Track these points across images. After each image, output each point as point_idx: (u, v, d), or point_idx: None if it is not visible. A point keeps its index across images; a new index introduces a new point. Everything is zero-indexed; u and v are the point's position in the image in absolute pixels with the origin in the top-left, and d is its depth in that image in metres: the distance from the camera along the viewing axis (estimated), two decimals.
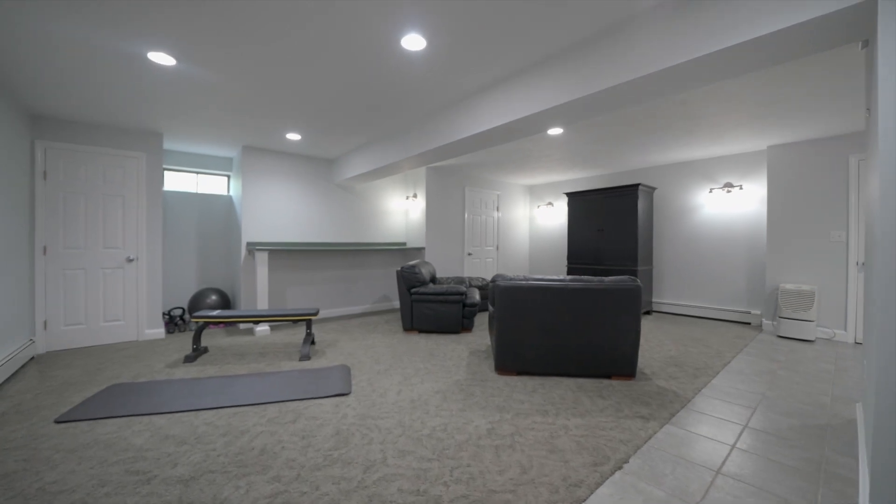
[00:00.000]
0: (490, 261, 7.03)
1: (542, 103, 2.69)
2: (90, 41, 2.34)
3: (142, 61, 2.60)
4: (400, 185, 6.41)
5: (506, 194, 7.31)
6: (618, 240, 5.65)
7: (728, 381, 2.99)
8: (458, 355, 3.55)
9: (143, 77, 2.84)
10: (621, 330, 2.87)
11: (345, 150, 5.06)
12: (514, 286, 2.90)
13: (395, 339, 4.16)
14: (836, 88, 3.09)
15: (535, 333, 2.93)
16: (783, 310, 4.43)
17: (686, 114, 3.61)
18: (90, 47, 2.41)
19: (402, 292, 4.39)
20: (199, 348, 3.50)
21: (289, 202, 5.13)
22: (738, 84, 2.98)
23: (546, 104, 2.66)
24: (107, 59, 2.57)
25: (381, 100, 3.29)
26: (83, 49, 2.43)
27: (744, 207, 5.15)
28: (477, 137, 3.33)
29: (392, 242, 6.28)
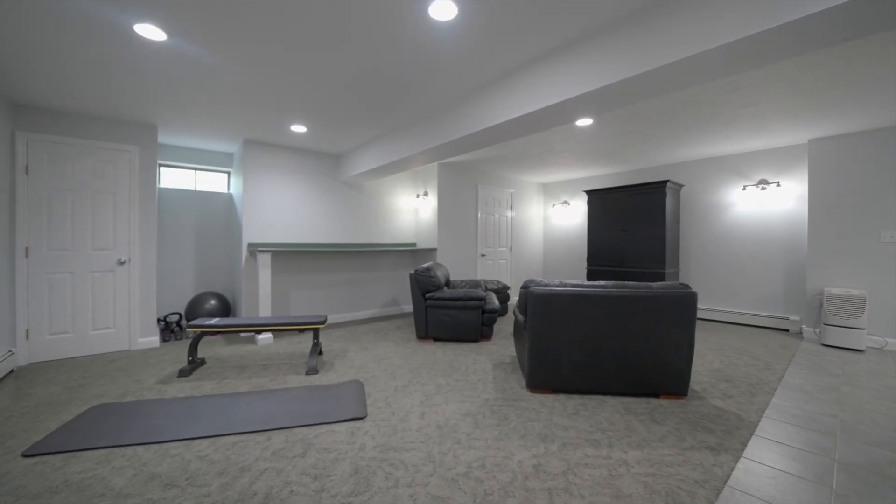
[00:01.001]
0: (503, 262, 6.69)
1: (578, 87, 2.35)
2: (65, 6, 2.01)
3: (128, 35, 2.27)
4: (410, 183, 6.08)
5: (519, 192, 6.98)
6: (643, 240, 5.30)
7: (790, 399, 2.65)
8: (481, 368, 3.21)
9: (132, 56, 2.51)
10: (672, 343, 2.53)
11: (353, 145, 4.73)
12: (551, 293, 2.56)
13: (409, 348, 3.82)
14: (888, 74, 2.76)
15: (573, 346, 2.59)
16: (829, 316, 4.08)
17: (729, 103, 3.26)
18: (65, 14, 2.08)
19: (415, 297, 4.05)
20: (196, 360, 3.16)
21: (293, 200, 4.80)
22: (782, 69, 2.64)
23: (582, 88, 2.33)
24: (88, 32, 2.24)
25: (399, 86, 2.96)
26: (58, 18, 2.10)
27: (780, 206, 4.79)
28: (500, 128, 3.00)
29: (401, 243, 5.95)
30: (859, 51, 2.50)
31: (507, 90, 2.83)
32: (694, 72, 2.05)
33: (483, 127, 3.04)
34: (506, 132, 3.11)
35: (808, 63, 2.65)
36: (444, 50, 2.46)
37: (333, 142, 4.56)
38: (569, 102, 2.48)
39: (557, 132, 4.12)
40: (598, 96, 2.38)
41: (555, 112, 2.65)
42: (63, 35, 2.27)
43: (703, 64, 1.97)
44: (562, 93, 2.46)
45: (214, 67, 2.65)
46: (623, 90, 2.28)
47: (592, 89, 2.29)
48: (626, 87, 2.25)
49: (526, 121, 2.84)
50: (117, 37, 2.29)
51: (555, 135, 4.22)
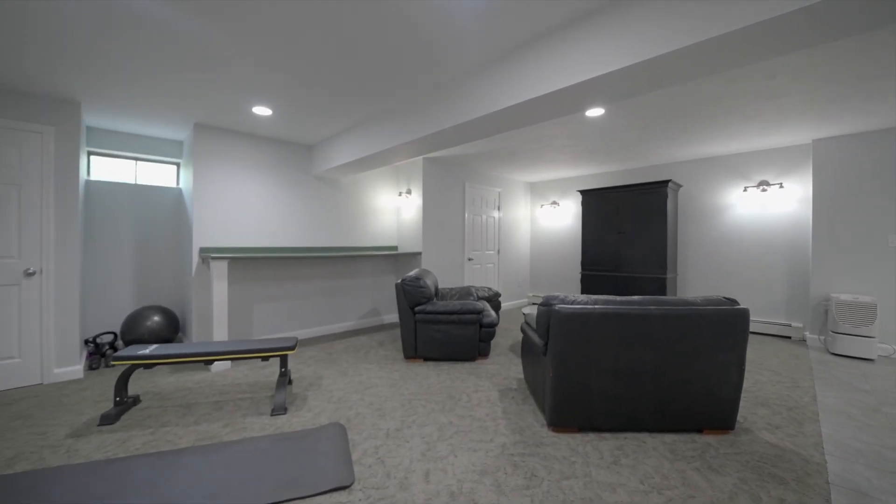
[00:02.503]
0: (491, 266, 6.24)
1: (594, 68, 1.95)
2: None
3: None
4: (391, 179, 5.50)
5: (507, 192, 6.55)
6: (642, 243, 4.99)
7: (841, 428, 2.32)
8: (486, 397, 2.71)
9: (42, 6, 1.83)
10: (720, 368, 2.13)
11: (328, 133, 4.10)
12: (583, 313, 2.10)
13: (396, 371, 3.27)
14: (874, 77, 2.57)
15: (605, 376, 2.14)
16: (838, 324, 3.88)
17: (735, 95, 2.94)
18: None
19: (402, 311, 3.50)
20: (125, 400, 2.47)
21: (256, 198, 4.12)
22: (788, 62, 2.34)
23: (599, 69, 1.93)
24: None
25: (382, 63, 2.41)
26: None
27: (782, 208, 4.61)
28: (501, 116, 2.53)
29: (382, 246, 5.36)
30: (869, 46, 2.25)
31: (511, 70, 2.35)
32: (728, 53, 1.68)
33: (480, 114, 2.56)
34: (507, 121, 2.64)
35: (816, 57, 2.36)
36: (436, 21, 1.95)
37: (305, 129, 3.92)
38: (582, 86, 2.07)
39: (562, 125, 3.69)
40: (617, 80, 1.97)
41: (565, 98, 2.22)
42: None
43: (739, 44, 1.58)
44: (575, 75, 2.04)
45: (154, 25, 2.01)
46: (647, 73, 1.89)
47: (612, 70, 1.89)
48: (650, 70, 1.86)
49: (531, 107, 2.39)
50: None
51: (558, 127, 3.79)
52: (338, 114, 3.46)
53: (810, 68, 2.53)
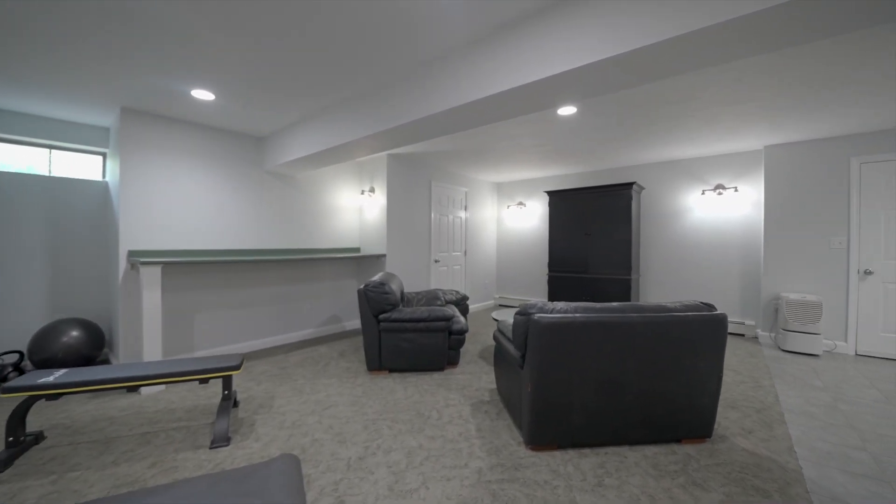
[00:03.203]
0: (458, 268, 6.07)
1: (570, 59, 1.82)
2: None
3: None
4: (353, 176, 5.16)
5: (473, 192, 6.41)
6: (608, 245, 5.02)
7: (807, 429, 2.35)
8: (457, 413, 2.51)
9: None
10: (700, 376, 2.07)
11: (281, 124, 3.73)
12: (562, 322, 1.95)
13: (359, 386, 2.99)
14: (840, 84, 2.71)
15: (588, 389, 2.01)
16: (789, 322, 4.07)
17: (701, 99, 2.96)
18: None
19: (365, 320, 3.23)
20: (22, 440, 2.03)
21: (197, 195, 3.66)
22: (744, 68, 2.38)
23: (576, 61, 1.81)
24: None
25: (342, 46, 2.14)
26: None
27: (737, 211, 4.79)
28: (470, 109, 2.36)
29: (343, 248, 5.02)
30: (818, 58, 2.35)
31: (481, 60, 2.17)
32: (710, 47, 1.61)
33: (448, 107, 2.37)
34: (476, 115, 2.47)
35: (770, 65, 2.41)
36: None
37: (255, 119, 3.53)
38: (556, 79, 1.95)
39: (532, 122, 3.57)
40: (593, 74, 1.86)
41: (538, 92, 2.09)
42: None
43: (721, 38, 1.51)
44: (550, 67, 1.91)
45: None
46: (625, 66, 1.79)
47: (589, 63, 1.77)
48: (628, 63, 1.76)
49: (501, 101, 2.23)
50: None
51: (527, 126, 3.67)
52: (292, 102, 3.13)
53: (773, 73, 2.55)
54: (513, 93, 2.11)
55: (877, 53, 2.32)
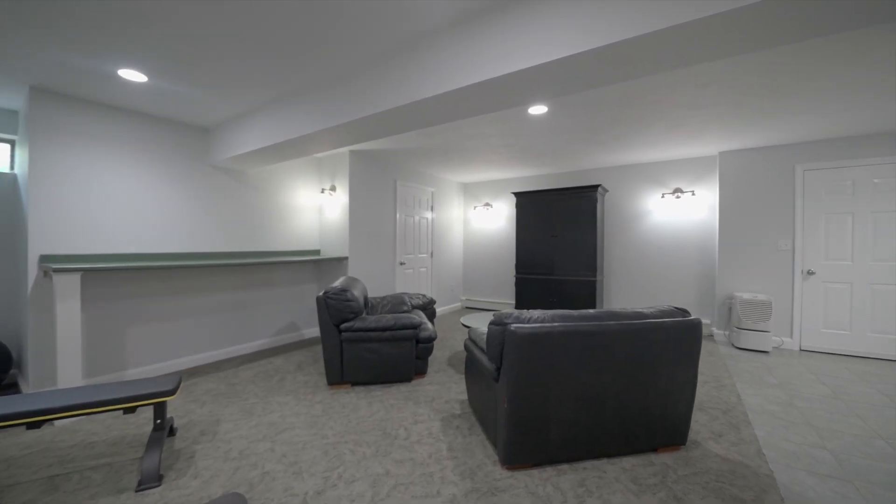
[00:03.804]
0: (424, 270, 5.88)
1: (549, 51, 1.70)
2: None
3: None
4: (312, 173, 4.83)
5: (440, 192, 6.25)
6: (574, 246, 5.04)
7: (770, 430, 2.39)
8: (427, 430, 2.33)
9: None
10: (677, 383, 2.03)
11: (230, 113, 3.37)
12: (541, 333, 1.82)
13: (318, 403, 2.73)
14: (792, 93, 2.84)
15: (567, 402, 1.90)
16: (743, 321, 4.25)
17: (660, 104, 2.99)
18: None
19: (326, 329, 2.96)
20: None
21: (128, 191, 3.22)
22: (715, 75, 2.42)
23: (554, 53, 1.70)
24: None
25: (297, 24, 1.90)
26: None
27: (694, 214, 4.97)
28: (438, 102, 2.19)
29: (301, 251, 4.68)
30: (777, 66, 2.42)
31: (452, 47, 2.02)
32: (685, 44, 1.55)
33: (412, 101, 2.20)
34: (443, 110, 2.32)
35: (735, 71, 2.47)
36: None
37: (198, 106, 3.15)
38: (530, 73, 1.83)
39: (502, 121, 3.46)
40: (571, 67, 1.76)
41: (510, 86, 1.97)
42: None
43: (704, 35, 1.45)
44: (524, 59, 1.78)
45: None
46: (603, 60, 1.70)
47: (567, 55, 1.67)
48: (607, 57, 1.67)
49: (470, 96, 2.09)
50: None
51: (496, 125, 3.56)
52: (241, 89, 2.81)
53: (737, 79, 2.59)
54: (482, 87, 1.97)
55: (827, 65, 2.40)
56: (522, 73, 1.82)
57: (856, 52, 2.24)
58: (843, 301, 4.07)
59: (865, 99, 2.96)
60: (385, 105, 2.33)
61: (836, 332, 4.11)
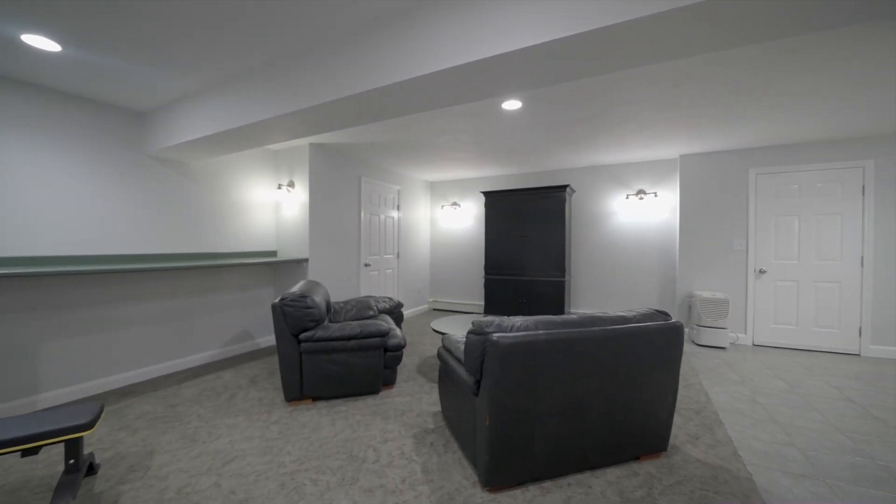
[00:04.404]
0: (390, 272, 5.64)
1: (531, 35, 1.57)
2: None
3: None
4: (268, 167, 4.44)
5: (406, 190, 6.02)
6: (543, 247, 5.02)
7: (741, 429, 2.42)
8: (398, 450, 2.12)
9: None
10: (660, 388, 1.97)
11: (168, 96, 2.98)
12: (526, 342, 1.68)
13: (274, 424, 2.43)
14: (739, 100, 2.94)
15: (552, 416, 1.78)
16: (703, 318, 4.39)
17: (632, 104, 3.00)
18: None
19: (283, 340, 2.67)
20: None
21: (43, 183, 2.74)
22: (686, 75, 2.45)
23: (535, 38, 1.57)
24: None
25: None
26: None
27: (657, 215, 5.10)
28: (405, 89, 2.00)
29: (256, 252, 4.28)
30: (747, 67, 2.45)
31: (422, 27, 1.84)
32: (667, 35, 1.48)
33: (376, 87, 1.99)
34: (410, 98, 2.13)
35: (707, 71, 2.49)
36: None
37: (129, 84, 2.74)
38: (508, 59, 1.67)
39: (474, 115, 3.30)
40: (550, 52, 1.63)
41: (486, 72, 1.81)
42: None
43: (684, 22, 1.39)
44: (504, 42, 1.64)
45: None
46: (574, 50, 1.60)
47: (548, 40, 1.54)
48: (578, 47, 1.57)
49: (441, 82, 1.91)
50: None
51: (468, 120, 3.40)
52: (182, 67, 2.45)
53: (711, 79, 2.60)
54: (456, 72, 1.80)
55: (777, 74, 2.48)
56: (487, 63, 1.68)
57: (804, 62, 2.31)
58: (791, 298, 4.31)
59: (810, 108, 3.12)
60: (344, 91, 2.10)
61: (784, 327, 4.34)
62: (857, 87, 2.71)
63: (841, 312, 4.11)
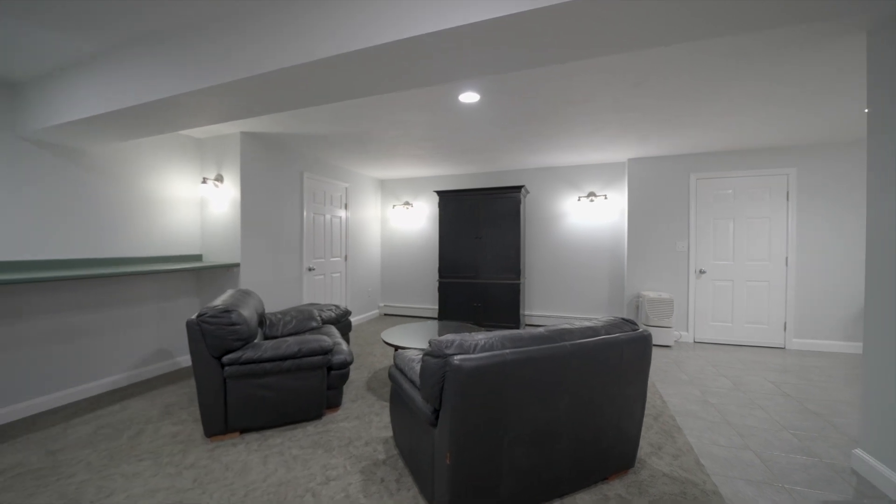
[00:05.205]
0: (338, 276, 5.22)
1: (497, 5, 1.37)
2: None
3: None
4: (190, 158, 3.84)
5: (355, 188, 5.62)
6: (499, 249, 4.89)
7: (698, 434, 2.40)
8: (343, 491, 1.81)
9: None
10: (629, 402, 1.85)
11: (50, 62, 2.39)
12: (492, 364, 1.46)
13: (189, 469, 2.00)
14: (688, 105, 3.03)
15: (521, 444, 1.57)
16: (650, 318, 4.51)
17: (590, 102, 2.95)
18: None
19: (201, 363, 2.23)
20: None
21: None
22: (647, 73, 2.45)
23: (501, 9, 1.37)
24: None
25: None
26: None
27: (607, 218, 5.19)
28: (348, 63, 1.72)
29: (175, 256, 3.69)
30: (676, 77, 2.47)
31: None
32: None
33: (318, 58, 1.68)
34: (357, 76, 1.84)
35: (669, 70, 2.48)
36: None
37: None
38: (463, 32, 1.46)
39: (426, 110, 3.05)
40: (512, 33, 1.45)
41: (436, 48, 1.58)
42: None
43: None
44: (448, 16, 1.43)
45: None
46: (531, 31, 1.43)
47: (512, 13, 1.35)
48: (536, 27, 1.40)
49: (384, 57, 1.65)
50: None
51: (421, 113, 3.15)
52: (68, 26, 1.94)
53: (669, 79, 2.58)
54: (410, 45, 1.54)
55: (715, 85, 2.52)
56: (431, 38, 1.45)
57: (749, 69, 2.35)
58: (727, 296, 4.56)
59: (748, 117, 3.27)
60: (279, 62, 1.75)
61: (721, 324, 4.59)
62: (791, 98, 2.84)
63: (769, 309, 4.41)
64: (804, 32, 1.97)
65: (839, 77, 2.49)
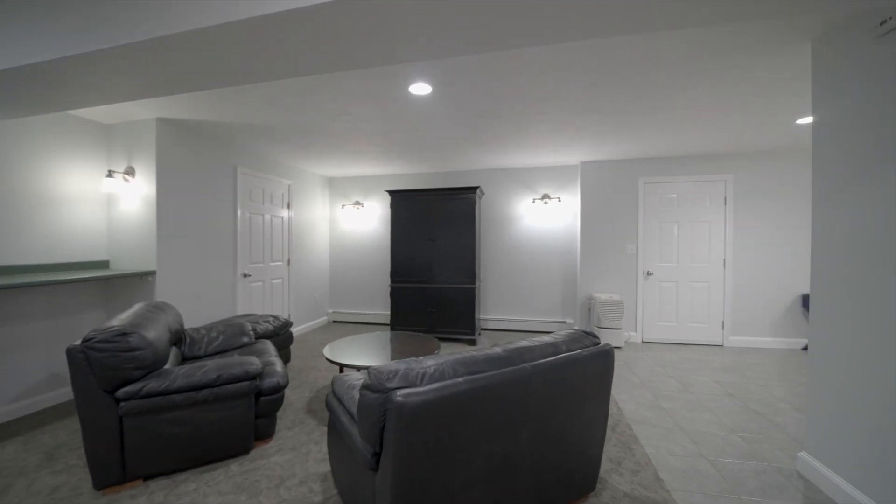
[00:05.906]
0: (279, 282, 4.76)
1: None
2: None
3: None
4: (95, 146, 3.25)
5: (300, 186, 5.18)
6: (453, 252, 4.70)
7: (655, 444, 2.36)
8: None
9: None
10: (591, 423, 1.71)
11: None
12: (442, 397, 1.23)
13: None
14: (641, 110, 3.05)
15: (476, 485, 1.37)
16: (602, 320, 4.55)
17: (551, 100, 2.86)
18: None
19: (86, 400, 1.79)
20: None
21: None
22: (602, 74, 2.40)
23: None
24: None
25: None
26: None
27: (560, 220, 5.19)
28: (281, 26, 1.45)
29: (76, 263, 3.09)
30: (631, 80, 2.47)
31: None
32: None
33: (238, 17, 1.38)
34: (287, 48, 1.56)
35: (625, 74, 2.44)
36: None
37: None
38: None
39: (373, 100, 2.78)
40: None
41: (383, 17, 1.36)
42: None
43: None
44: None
45: None
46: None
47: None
48: None
49: (327, 21, 1.39)
50: None
51: (371, 103, 2.87)
52: None
53: (626, 82, 2.51)
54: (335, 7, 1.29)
55: (688, 86, 2.50)
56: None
57: (699, 74, 2.35)
58: (671, 297, 4.72)
59: (692, 124, 3.34)
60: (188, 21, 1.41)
61: (667, 323, 4.74)
62: (735, 107, 2.91)
63: (709, 309, 4.62)
64: (749, 41, 1.96)
65: (773, 87, 2.56)
